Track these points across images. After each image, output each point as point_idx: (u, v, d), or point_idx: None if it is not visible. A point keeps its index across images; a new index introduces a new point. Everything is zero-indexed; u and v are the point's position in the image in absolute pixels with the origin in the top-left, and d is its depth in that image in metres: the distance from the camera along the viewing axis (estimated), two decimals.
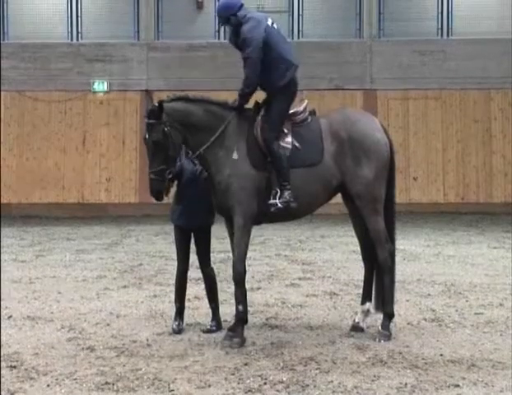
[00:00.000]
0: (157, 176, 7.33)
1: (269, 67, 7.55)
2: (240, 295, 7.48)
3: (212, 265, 8.19)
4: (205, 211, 7.89)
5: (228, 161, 7.44)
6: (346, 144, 7.57)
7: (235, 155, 7.42)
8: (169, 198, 7.84)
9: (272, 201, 7.39)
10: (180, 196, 7.90)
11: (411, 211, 20.53)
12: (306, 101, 7.85)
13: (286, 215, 7.60)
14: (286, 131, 7.56)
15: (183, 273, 8.03)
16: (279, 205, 7.35)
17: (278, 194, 7.37)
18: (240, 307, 7.44)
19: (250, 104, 7.72)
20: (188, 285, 10.11)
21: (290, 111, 7.70)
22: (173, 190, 7.88)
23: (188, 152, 7.82)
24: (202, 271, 8.14)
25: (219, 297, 8.19)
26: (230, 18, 7.68)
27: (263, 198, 7.43)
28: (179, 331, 7.76)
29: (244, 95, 7.59)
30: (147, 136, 7.37)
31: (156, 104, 7.35)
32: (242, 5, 7.72)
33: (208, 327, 7.89)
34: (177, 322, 7.84)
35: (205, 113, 7.56)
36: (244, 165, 7.43)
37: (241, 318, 7.44)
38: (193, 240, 8.06)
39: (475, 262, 12.46)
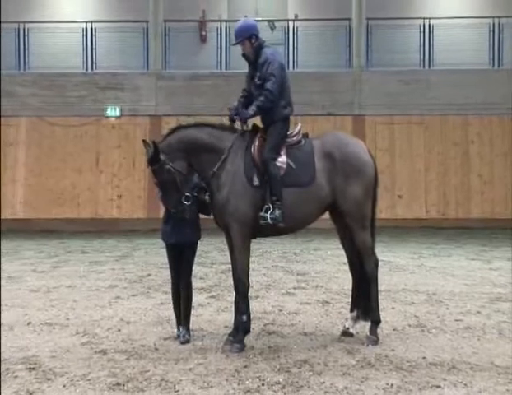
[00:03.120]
0: (178, 208, 7.27)
1: (280, 94, 7.57)
2: (244, 307, 7.42)
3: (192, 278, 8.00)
4: (193, 228, 7.76)
5: (227, 180, 7.42)
6: (339, 164, 7.54)
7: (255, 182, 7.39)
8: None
9: (263, 214, 7.32)
10: (169, 215, 7.69)
11: (396, 226, 20.54)
12: (300, 125, 7.84)
13: (278, 230, 7.55)
14: (281, 152, 7.55)
15: (178, 286, 7.85)
16: (269, 220, 7.28)
17: (270, 210, 7.32)
18: (244, 317, 7.38)
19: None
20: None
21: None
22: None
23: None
24: (181, 282, 7.81)
25: (220, 305, 8.13)
26: (252, 37, 7.62)
27: (258, 214, 7.39)
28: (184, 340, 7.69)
29: (263, 107, 7.52)
30: (155, 180, 7.37)
31: (152, 149, 7.24)
32: None
33: (183, 337, 7.63)
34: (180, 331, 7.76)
35: (209, 137, 7.48)
36: (241, 184, 7.39)
37: (245, 328, 7.39)
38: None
39: (455, 273, 12.45)
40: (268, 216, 7.29)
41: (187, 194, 7.31)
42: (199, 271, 12.62)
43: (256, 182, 7.39)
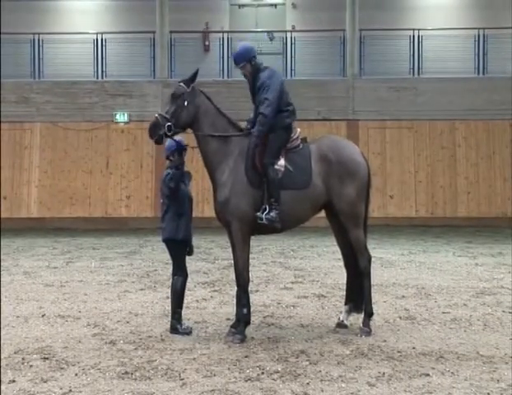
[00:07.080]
0: (160, 117, 7.30)
1: (280, 107, 7.53)
2: (245, 300, 7.41)
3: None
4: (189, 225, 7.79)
5: (229, 178, 7.40)
6: (335, 166, 7.51)
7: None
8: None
9: (259, 214, 7.29)
10: (178, 214, 7.64)
11: (387, 224, 20.54)
12: (299, 130, 7.82)
13: (275, 228, 7.50)
14: (280, 156, 7.52)
15: (186, 279, 7.86)
16: (264, 220, 7.26)
17: (266, 211, 7.29)
18: (245, 310, 7.37)
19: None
20: (196, 288, 10.12)
21: None
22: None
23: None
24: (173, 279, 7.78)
25: (221, 299, 8.10)
26: (252, 60, 7.57)
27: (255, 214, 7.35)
28: (189, 331, 7.66)
29: (263, 131, 7.38)
30: (172, 92, 7.48)
31: (194, 72, 7.47)
32: None
33: (188, 330, 7.59)
34: (182, 325, 7.62)
35: (221, 125, 7.56)
36: (242, 184, 7.37)
37: (246, 320, 7.39)
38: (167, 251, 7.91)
39: (442, 268, 12.45)
40: (264, 216, 7.27)
41: (168, 130, 7.29)
42: (203, 266, 12.62)
43: (256, 183, 7.37)
